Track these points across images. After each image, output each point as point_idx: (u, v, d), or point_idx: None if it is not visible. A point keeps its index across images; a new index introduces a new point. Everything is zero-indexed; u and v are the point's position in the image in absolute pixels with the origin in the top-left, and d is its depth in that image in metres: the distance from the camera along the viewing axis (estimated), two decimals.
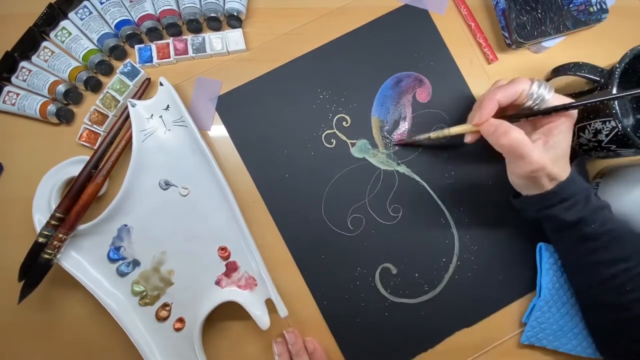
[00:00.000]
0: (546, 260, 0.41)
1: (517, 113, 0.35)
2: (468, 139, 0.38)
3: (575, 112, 0.34)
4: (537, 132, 0.34)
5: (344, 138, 0.43)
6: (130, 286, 0.40)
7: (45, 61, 0.42)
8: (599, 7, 0.41)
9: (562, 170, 0.34)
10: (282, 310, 0.39)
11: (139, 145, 0.40)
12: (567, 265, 0.40)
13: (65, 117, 0.42)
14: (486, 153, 0.43)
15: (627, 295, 0.34)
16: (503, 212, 0.42)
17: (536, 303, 0.41)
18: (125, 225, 0.40)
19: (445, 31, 0.44)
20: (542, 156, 0.32)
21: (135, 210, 0.40)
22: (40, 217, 0.39)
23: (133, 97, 0.41)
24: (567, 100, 0.34)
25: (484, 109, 0.34)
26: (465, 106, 0.44)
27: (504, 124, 0.33)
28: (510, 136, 0.33)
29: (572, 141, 0.34)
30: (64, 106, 0.43)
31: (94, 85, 0.43)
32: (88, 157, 0.40)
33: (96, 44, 0.43)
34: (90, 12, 0.42)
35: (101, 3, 0.42)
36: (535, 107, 0.34)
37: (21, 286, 0.38)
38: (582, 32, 0.43)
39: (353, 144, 0.43)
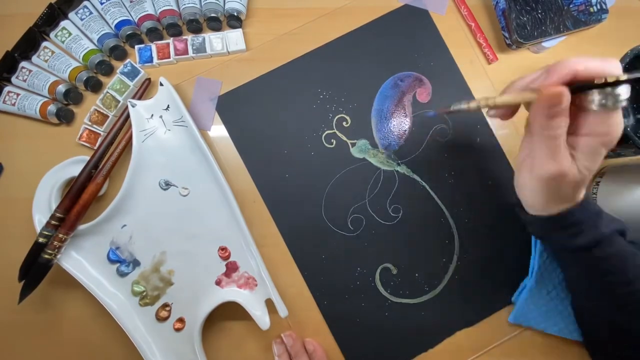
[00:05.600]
0: (540, 242, 0.41)
1: (586, 83, 0.27)
2: (497, 114, 0.32)
3: (614, 141, 0.29)
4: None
5: (344, 138, 0.43)
6: (131, 286, 0.40)
7: (46, 61, 0.42)
8: (599, 7, 0.41)
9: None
10: (282, 310, 0.39)
11: (139, 145, 0.40)
12: (569, 281, 0.39)
13: (65, 117, 0.42)
14: (486, 153, 0.43)
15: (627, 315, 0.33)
16: (503, 212, 0.42)
17: (527, 283, 0.41)
18: (125, 225, 0.40)
19: (446, 31, 0.44)
20: (571, 166, 0.28)
21: (135, 211, 0.40)
22: (40, 217, 0.39)
23: (133, 97, 0.41)
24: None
25: (556, 72, 0.27)
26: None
27: (568, 100, 0.27)
28: (563, 122, 0.27)
29: None
30: (64, 106, 0.43)
31: (94, 85, 0.43)
32: (88, 157, 0.40)
33: (96, 44, 0.43)
34: (91, 12, 0.42)
35: (101, 3, 0.42)
36: (604, 104, 0.27)
37: (21, 286, 0.38)
38: (582, 32, 0.43)
39: (353, 144, 0.43)
